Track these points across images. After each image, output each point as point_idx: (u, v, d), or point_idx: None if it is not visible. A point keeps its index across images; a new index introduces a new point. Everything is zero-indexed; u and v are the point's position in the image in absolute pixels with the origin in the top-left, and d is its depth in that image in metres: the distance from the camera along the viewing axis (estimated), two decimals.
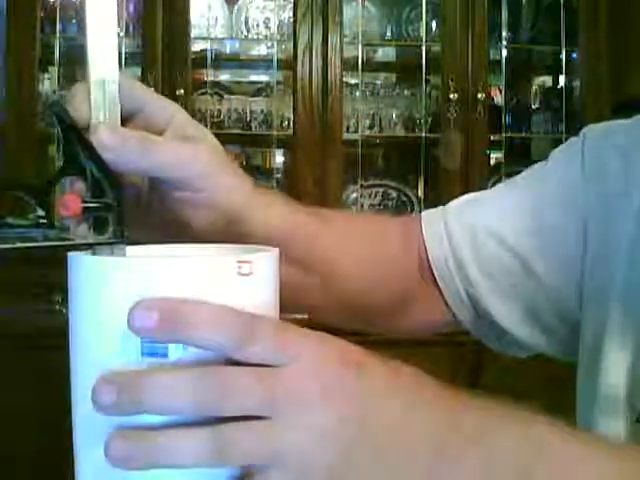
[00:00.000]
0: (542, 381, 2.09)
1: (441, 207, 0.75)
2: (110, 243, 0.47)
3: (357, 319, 0.74)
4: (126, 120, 0.51)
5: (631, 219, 0.65)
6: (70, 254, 0.43)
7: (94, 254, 0.46)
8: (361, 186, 2.48)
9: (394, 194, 2.54)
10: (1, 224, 0.44)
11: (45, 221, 0.46)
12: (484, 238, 0.71)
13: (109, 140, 0.48)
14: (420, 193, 2.52)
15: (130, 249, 0.49)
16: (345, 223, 0.74)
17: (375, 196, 2.54)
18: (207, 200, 0.55)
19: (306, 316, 0.67)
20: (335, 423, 0.39)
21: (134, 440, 0.38)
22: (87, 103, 0.49)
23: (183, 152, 0.53)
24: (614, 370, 0.63)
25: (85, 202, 0.46)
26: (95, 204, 0.47)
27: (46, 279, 2.10)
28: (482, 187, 2.50)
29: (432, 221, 0.74)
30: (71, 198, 0.46)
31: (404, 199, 2.54)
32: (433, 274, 0.73)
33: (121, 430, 0.39)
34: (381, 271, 0.72)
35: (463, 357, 2.17)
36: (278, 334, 0.40)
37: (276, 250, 0.45)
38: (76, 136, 0.48)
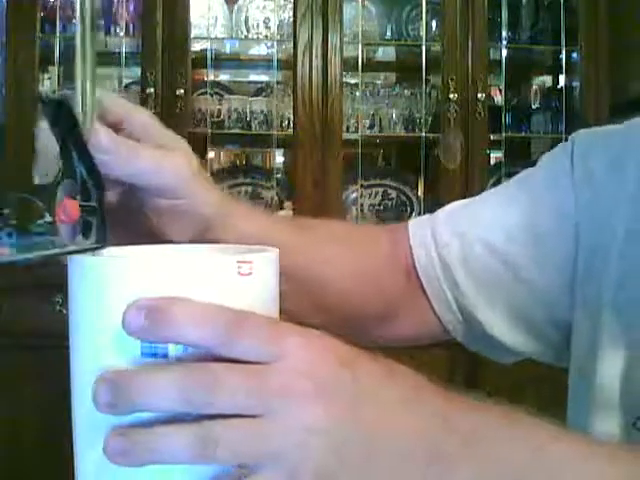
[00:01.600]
0: (540, 382, 2.09)
1: (428, 215, 0.75)
2: (96, 248, 0.46)
3: (344, 329, 0.73)
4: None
5: (622, 223, 0.65)
6: (70, 255, 0.43)
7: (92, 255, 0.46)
8: (361, 186, 2.48)
9: (394, 194, 2.54)
10: (23, 232, 0.44)
11: (52, 227, 0.46)
12: (473, 245, 0.71)
13: (106, 142, 0.49)
14: (420, 193, 2.52)
15: (125, 249, 0.49)
16: (329, 233, 0.74)
17: (375, 196, 2.54)
18: (183, 207, 0.56)
19: None
20: (328, 422, 0.39)
21: (129, 437, 0.39)
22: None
23: (161, 160, 0.54)
24: (608, 373, 0.63)
25: (80, 207, 0.46)
26: (85, 207, 0.47)
27: (46, 279, 2.09)
28: (482, 187, 2.51)
29: (419, 229, 0.73)
30: (70, 203, 0.46)
31: (404, 199, 2.54)
32: (421, 283, 0.72)
33: (118, 427, 0.39)
34: (367, 282, 0.72)
35: (460, 358, 2.17)
36: (267, 330, 0.40)
37: (276, 250, 0.45)
38: (72, 135, 0.48)
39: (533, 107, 2.59)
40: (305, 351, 0.40)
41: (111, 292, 0.40)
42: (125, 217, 0.56)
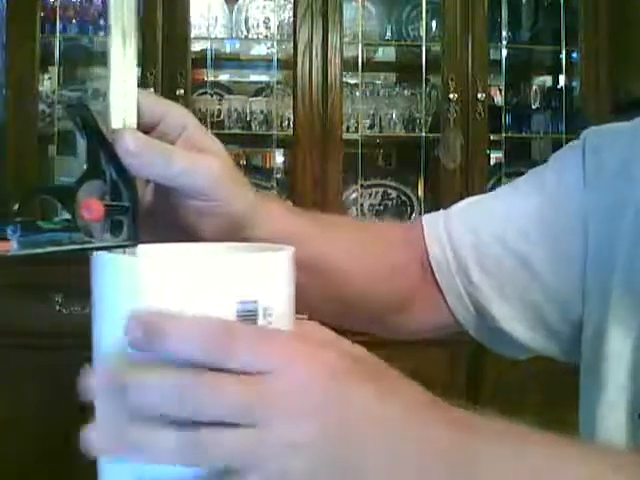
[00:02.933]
0: (540, 381, 2.09)
1: (443, 210, 0.76)
2: (129, 245, 0.48)
3: (359, 321, 0.74)
4: (145, 132, 0.52)
5: (632, 213, 0.66)
6: (119, 257, 0.44)
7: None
8: (361, 186, 2.48)
9: (394, 194, 2.54)
10: (33, 228, 0.45)
11: (71, 224, 0.46)
12: (486, 240, 0.72)
13: (133, 146, 0.49)
14: (420, 193, 2.52)
15: (153, 247, 0.50)
16: (347, 228, 0.75)
17: (375, 196, 2.54)
18: (216, 208, 0.56)
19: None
20: (309, 441, 0.40)
21: (116, 430, 0.40)
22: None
23: (194, 162, 0.54)
24: (616, 360, 0.64)
25: (106, 206, 0.47)
26: (114, 207, 0.48)
27: (46, 279, 2.10)
28: (482, 187, 2.50)
29: (433, 224, 0.74)
30: (94, 202, 0.47)
31: (404, 199, 2.54)
32: (435, 277, 0.73)
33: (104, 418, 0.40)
34: (383, 275, 0.73)
35: (460, 357, 2.17)
36: (259, 343, 0.40)
37: (291, 248, 0.47)
38: (98, 139, 0.49)
39: (533, 107, 2.59)
40: (296, 366, 0.40)
41: (166, 295, 0.41)
42: (162, 215, 0.57)
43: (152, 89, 2.23)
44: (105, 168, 0.48)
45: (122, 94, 0.50)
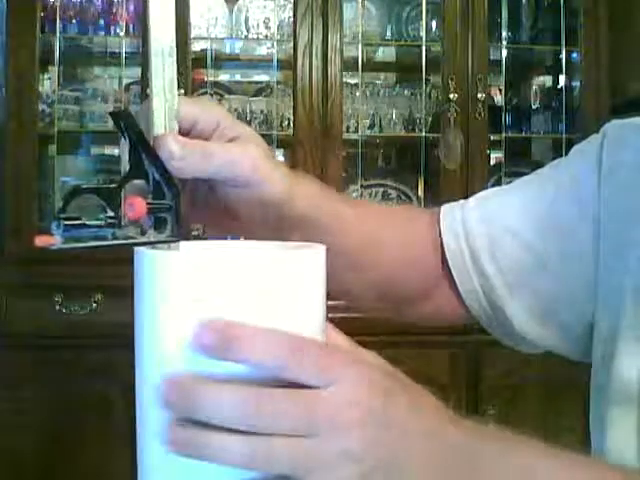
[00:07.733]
0: (539, 382, 2.09)
1: (461, 201, 0.77)
2: (170, 241, 0.50)
3: (387, 304, 0.76)
4: (184, 133, 0.55)
5: None
6: (167, 253, 0.46)
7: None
8: (361, 186, 2.48)
9: (394, 194, 2.54)
10: (78, 224, 0.47)
11: (114, 221, 0.49)
12: (500, 234, 0.72)
13: (175, 150, 0.52)
14: (420, 193, 2.52)
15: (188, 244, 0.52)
16: (376, 212, 0.77)
17: (375, 196, 2.54)
18: (255, 192, 0.59)
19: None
20: (363, 450, 0.43)
21: (189, 430, 0.42)
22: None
23: (236, 155, 0.57)
24: (628, 361, 0.64)
25: (148, 204, 0.50)
26: (157, 205, 0.50)
27: (46, 279, 2.10)
28: (482, 187, 2.50)
29: (450, 215, 0.75)
30: (137, 201, 0.49)
31: (404, 199, 2.54)
32: (449, 268, 0.74)
33: (181, 419, 0.42)
34: (408, 260, 0.75)
35: (462, 357, 2.17)
36: (322, 358, 0.43)
37: (322, 246, 0.48)
38: (141, 142, 0.51)
39: (533, 107, 2.59)
40: (353, 381, 0.44)
41: (218, 290, 0.42)
42: (203, 198, 0.60)
43: (201, 98, 2.23)
44: (147, 169, 0.51)
45: (164, 100, 0.52)
